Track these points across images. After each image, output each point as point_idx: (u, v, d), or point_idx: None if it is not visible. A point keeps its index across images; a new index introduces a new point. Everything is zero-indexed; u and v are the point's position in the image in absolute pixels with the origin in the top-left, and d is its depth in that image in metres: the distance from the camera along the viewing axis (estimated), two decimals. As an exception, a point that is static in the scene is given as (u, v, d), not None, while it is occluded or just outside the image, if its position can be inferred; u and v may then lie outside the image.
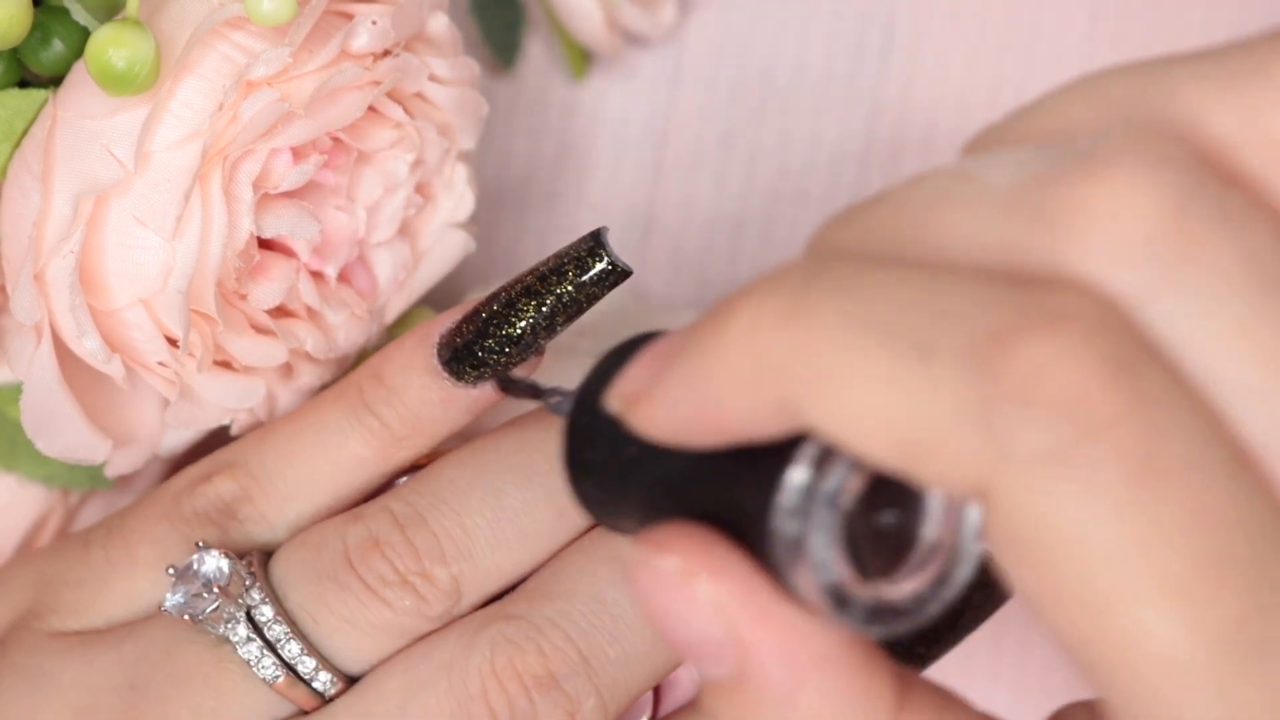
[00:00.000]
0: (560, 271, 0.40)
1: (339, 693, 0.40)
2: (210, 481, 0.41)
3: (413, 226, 0.46)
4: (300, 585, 0.40)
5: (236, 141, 0.39)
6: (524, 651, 0.39)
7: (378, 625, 0.40)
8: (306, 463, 0.41)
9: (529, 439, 0.40)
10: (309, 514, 0.41)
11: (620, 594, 0.39)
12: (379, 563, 0.39)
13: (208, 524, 0.41)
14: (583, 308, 0.40)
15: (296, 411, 0.42)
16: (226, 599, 0.39)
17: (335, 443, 0.41)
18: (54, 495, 0.47)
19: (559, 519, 0.40)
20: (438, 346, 0.41)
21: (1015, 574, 0.26)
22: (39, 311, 0.40)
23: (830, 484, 0.28)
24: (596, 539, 0.40)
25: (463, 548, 0.40)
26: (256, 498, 0.41)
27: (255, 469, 0.41)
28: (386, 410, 0.41)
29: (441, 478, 0.40)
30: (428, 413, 0.41)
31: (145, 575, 0.41)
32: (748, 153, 0.56)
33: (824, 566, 0.28)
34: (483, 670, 0.39)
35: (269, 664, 0.39)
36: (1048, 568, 0.25)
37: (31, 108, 0.40)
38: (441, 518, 0.40)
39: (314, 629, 0.40)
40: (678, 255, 0.56)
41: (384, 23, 0.41)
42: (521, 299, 0.40)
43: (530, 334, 0.40)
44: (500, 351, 0.40)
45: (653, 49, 0.56)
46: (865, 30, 0.56)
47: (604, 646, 0.39)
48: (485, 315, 0.40)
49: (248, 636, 0.39)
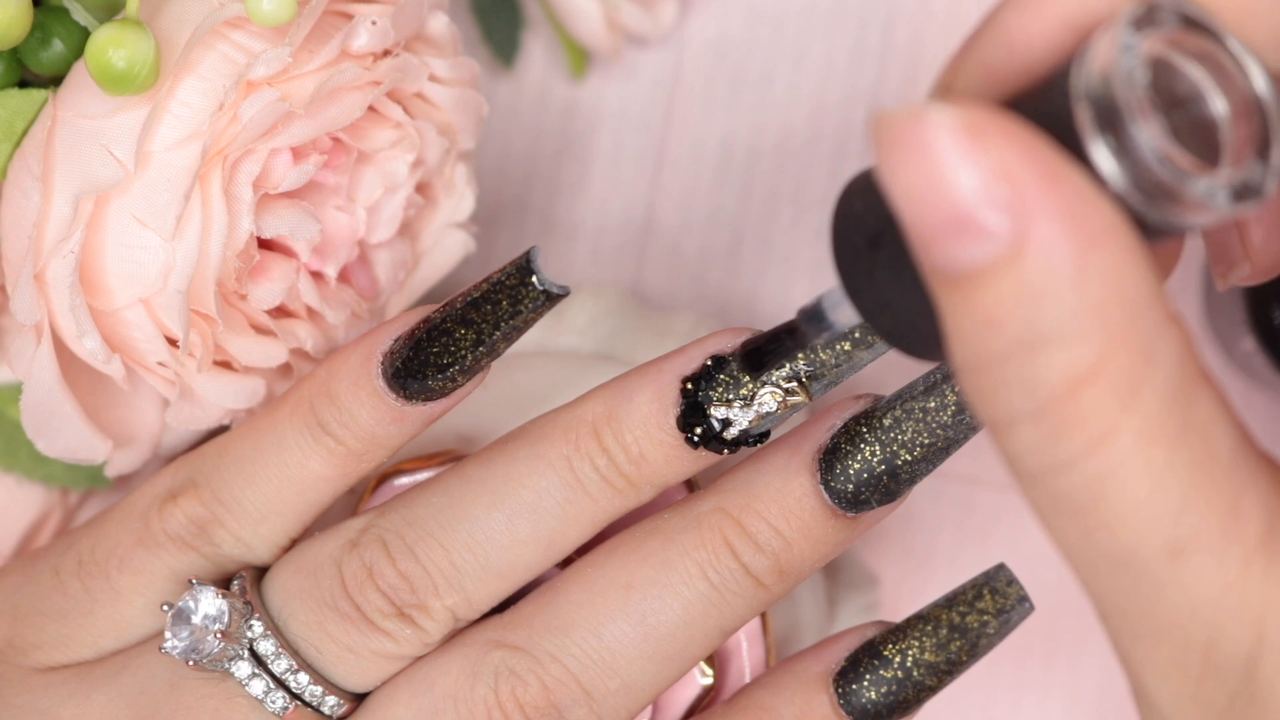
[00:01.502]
0: (494, 301, 0.39)
1: (347, 713, 0.40)
2: (176, 502, 0.41)
3: (413, 226, 0.46)
4: (300, 614, 0.40)
5: (236, 141, 0.39)
6: (527, 685, 0.39)
7: (380, 653, 0.40)
8: (270, 483, 0.41)
9: (515, 472, 0.40)
10: (283, 531, 0.41)
11: (619, 628, 0.39)
12: (374, 595, 0.39)
13: (185, 548, 0.41)
14: (522, 331, 0.39)
15: (252, 426, 0.42)
16: (229, 640, 0.39)
17: (296, 462, 0.41)
18: (53, 495, 0.47)
19: (548, 550, 0.40)
20: (381, 367, 0.40)
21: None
22: (39, 311, 0.40)
23: (1131, 49, 0.27)
24: (599, 565, 0.40)
25: (453, 581, 0.39)
26: (226, 521, 0.41)
27: (219, 490, 0.41)
28: (342, 430, 0.40)
29: (431, 505, 0.40)
30: (383, 430, 0.40)
31: (131, 605, 0.41)
32: (748, 153, 0.56)
33: (1134, 137, 0.26)
34: (488, 701, 0.39)
35: (278, 697, 0.39)
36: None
37: (31, 108, 0.40)
38: (430, 550, 0.39)
39: (318, 658, 0.40)
40: (677, 254, 0.56)
41: (384, 23, 0.41)
42: (459, 328, 0.39)
43: (474, 362, 0.40)
44: (446, 378, 0.40)
45: (653, 49, 0.56)
46: (865, 30, 0.56)
47: (604, 680, 0.39)
48: (424, 342, 0.40)
49: (252, 673, 0.39)
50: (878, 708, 0.40)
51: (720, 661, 0.43)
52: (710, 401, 0.39)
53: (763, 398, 0.38)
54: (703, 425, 0.39)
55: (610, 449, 0.39)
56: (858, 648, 0.40)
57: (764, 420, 0.39)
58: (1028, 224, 0.26)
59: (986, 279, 0.27)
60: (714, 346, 0.39)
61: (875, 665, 0.40)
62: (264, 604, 0.40)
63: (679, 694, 0.43)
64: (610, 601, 0.39)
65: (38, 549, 0.43)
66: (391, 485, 0.44)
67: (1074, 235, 0.27)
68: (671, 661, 0.39)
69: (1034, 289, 0.27)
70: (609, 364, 0.48)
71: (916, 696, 0.40)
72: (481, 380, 0.40)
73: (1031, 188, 0.26)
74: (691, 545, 0.39)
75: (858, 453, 0.39)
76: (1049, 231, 0.27)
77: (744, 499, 0.39)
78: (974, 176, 0.26)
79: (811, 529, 0.39)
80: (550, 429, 0.40)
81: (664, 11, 0.55)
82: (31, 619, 0.42)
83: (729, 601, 0.39)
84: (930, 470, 0.39)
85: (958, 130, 0.27)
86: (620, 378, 0.40)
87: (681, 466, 0.39)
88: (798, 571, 0.39)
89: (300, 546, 0.41)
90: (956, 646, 0.40)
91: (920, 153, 0.27)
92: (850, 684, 0.40)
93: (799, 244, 0.56)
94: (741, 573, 0.39)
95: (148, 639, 0.41)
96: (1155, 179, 0.27)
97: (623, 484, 0.39)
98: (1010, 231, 0.27)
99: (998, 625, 0.40)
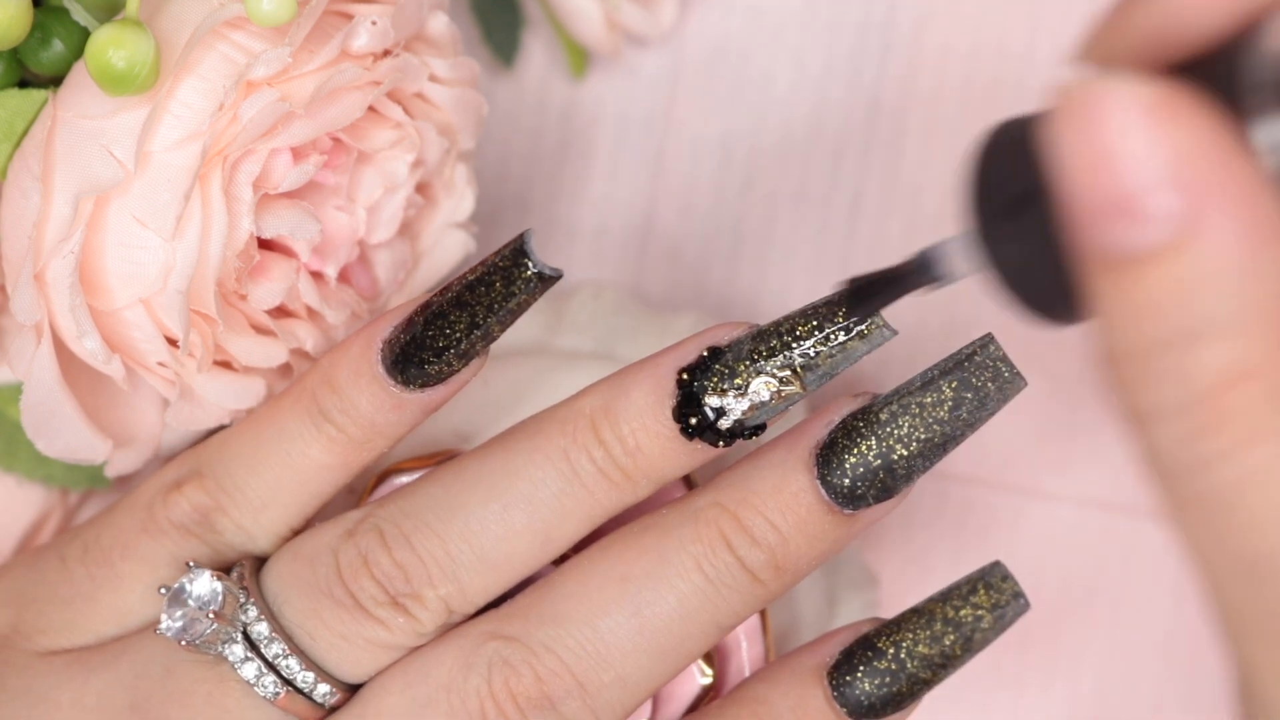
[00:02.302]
0: (488, 283, 0.39)
1: (339, 702, 0.40)
2: (181, 491, 0.41)
3: (413, 226, 0.46)
4: (295, 600, 0.40)
5: (236, 142, 0.39)
6: (520, 675, 0.39)
7: (373, 641, 0.40)
8: (272, 472, 0.41)
9: (511, 465, 0.40)
10: (285, 520, 0.41)
11: (614, 620, 0.39)
12: (368, 583, 0.39)
13: (187, 535, 0.41)
14: (517, 314, 0.40)
15: (255, 417, 0.42)
16: (222, 622, 0.39)
17: (298, 450, 0.41)
18: (53, 495, 0.47)
19: (544, 543, 0.40)
20: (380, 354, 0.40)
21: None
22: (39, 311, 0.40)
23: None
24: (595, 559, 0.40)
25: (448, 571, 0.39)
26: (229, 508, 0.41)
27: (223, 479, 0.41)
28: (342, 418, 0.41)
29: (428, 497, 0.40)
30: (382, 418, 0.41)
31: (132, 590, 0.41)
32: (748, 153, 0.56)
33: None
34: (481, 692, 0.39)
35: (269, 681, 0.39)
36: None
37: (31, 108, 0.40)
38: (425, 540, 0.39)
39: (311, 644, 0.40)
40: (677, 254, 0.56)
41: (384, 23, 0.41)
42: (454, 311, 0.40)
43: (469, 346, 0.40)
44: (442, 363, 0.40)
45: (653, 49, 0.56)
46: (865, 30, 0.56)
47: (598, 672, 0.39)
48: (421, 326, 0.40)
49: (245, 656, 0.39)
50: (872, 701, 0.40)
51: (720, 661, 0.43)
52: (705, 391, 0.39)
53: (756, 387, 0.38)
54: (697, 415, 0.39)
55: (607, 441, 0.39)
56: (852, 642, 0.41)
57: (758, 410, 0.39)
58: (1202, 212, 0.26)
59: (1151, 264, 0.26)
60: (711, 340, 0.39)
61: (870, 658, 0.40)
62: (261, 590, 0.40)
63: (679, 692, 0.43)
64: (606, 594, 0.39)
65: (48, 541, 0.44)
66: (391, 483, 0.44)
67: (1248, 229, 0.26)
68: (667, 656, 0.39)
69: (1202, 278, 0.26)
70: (609, 363, 0.48)
71: (911, 690, 0.40)
72: (479, 369, 0.41)
73: (1210, 176, 0.26)
74: (688, 539, 0.39)
75: (854, 448, 0.39)
76: (1223, 222, 0.26)
77: (741, 494, 0.39)
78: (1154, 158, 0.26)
79: (808, 524, 0.39)
80: (547, 423, 0.40)
81: (664, 11, 0.55)
82: (36, 605, 0.42)
83: (725, 596, 0.39)
84: (927, 467, 0.39)
85: (1143, 108, 0.26)
86: (618, 372, 0.40)
87: (678, 460, 0.39)
88: (795, 568, 0.39)
89: (299, 536, 0.41)
90: (951, 640, 0.40)
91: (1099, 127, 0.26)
92: (845, 677, 0.40)
93: (799, 244, 0.56)
94: (737, 567, 0.39)
95: (147, 625, 0.41)
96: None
97: (619, 477, 0.39)
98: (1183, 218, 0.26)
99: (992, 620, 0.40)
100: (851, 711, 0.40)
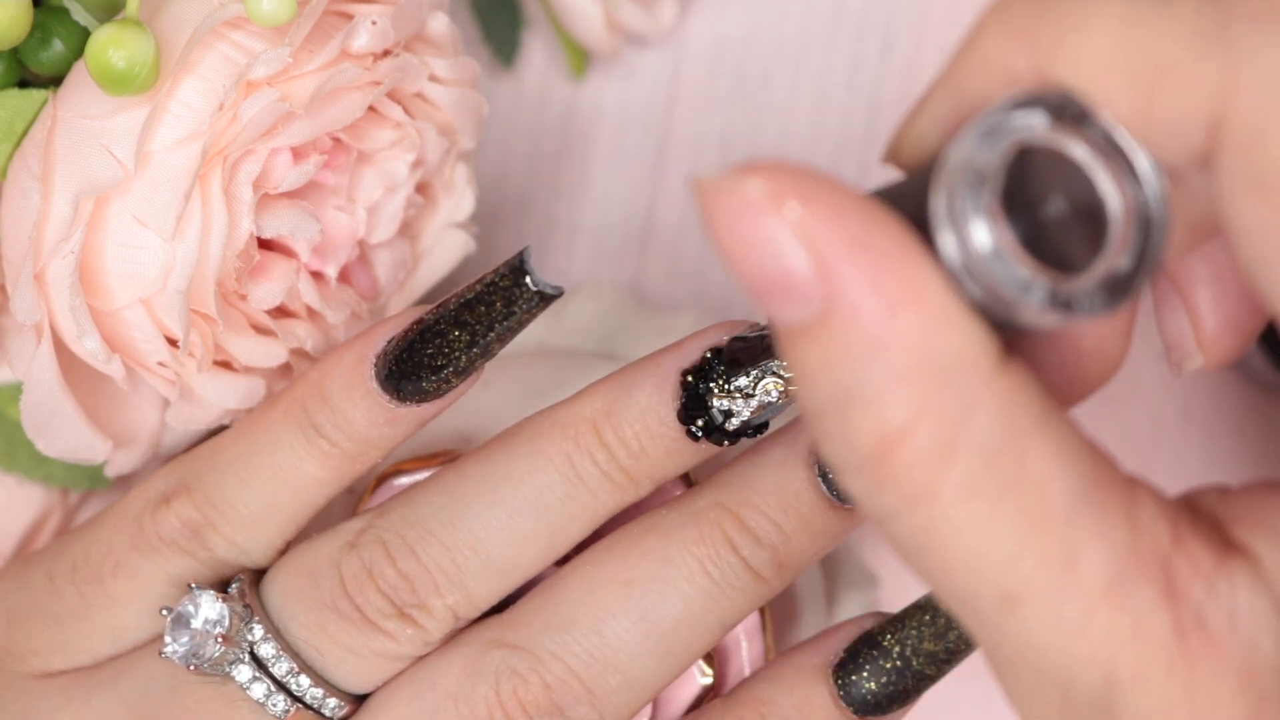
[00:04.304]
0: (488, 302, 0.39)
1: (347, 714, 0.40)
2: (169, 505, 0.41)
3: (413, 226, 0.46)
4: (300, 615, 0.40)
5: (236, 141, 0.39)
6: (528, 684, 0.39)
7: (381, 653, 0.40)
8: (264, 485, 0.41)
9: (515, 469, 0.40)
10: (278, 533, 0.41)
11: (620, 624, 0.39)
12: (374, 596, 0.39)
13: (179, 551, 0.41)
14: (517, 332, 0.39)
15: (245, 428, 0.41)
16: (229, 644, 0.39)
17: (290, 464, 0.40)
18: (53, 495, 0.47)
19: (549, 547, 0.40)
20: (375, 368, 0.40)
21: (1241, 207, 0.26)
22: (39, 311, 0.40)
23: (987, 143, 0.27)
24: (598, 562, 0.40)
25: (454, 580, 0.39)
26: (220, 524, 0.41)
27: (212, 493, 0.41)
28: (335, 432, 0.40)
29: (431, 504, 0.40)
30: (376, 432, 0.40)
31: (126, 609, 0.41)
32: (748, 153, 0.56)
33: (974, 221, 0.27)
34: (489, 700, 0.39)
35: (279, 700, 0.39)
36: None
37: (31, 108, 0.40)
38: (430, 549, 0.39)
39: (319, 660, 0.40)
40: (677, 254, 0.56)
41: (384, 23, 0.41)
42: (453, 330, 0.39)
43: (468, 364, 0.39)
44: (440, 380, 0.40)
45: (653, 49, 0.56)
46: (865, 30, 0.56)
47: (606, 677, 0.39)
48: (417, 343, 0.40)
49: (254, 676, 0.39)
50: (877, 698, 0.40)
51: (720, 661, 0.43)
52: (712, 393, 0.39)
53: (765, 387, 0.38)
54: (704, 417, 0.39)
55: (610, 444, 0.39)
56: (856, 638, 0.41)
57: (765, 410, 0.39)
58: (832, 286, 0.27)
59: (807, 337, 0.27)
60: (712, 339, 0.39)
61: (874, 655, 0.40)
62: (263, 606, 0.40)
63: (679, 693, 0.43)
64: (611, 598, 0.39)
65: (31, 553, 0.43)
66: (391, 485, 0.44)
67: (877, 298, 0.27)
68: (673, 656, 0.39)
69: (842, 351, 0.27)
70: (609, 363, 0.48)
71: (916, 686, 0.40)
72: (475, 381, 0.40)
73: (835, 252, 0.27)
74: (691, 540, 0.39)
75: None
76: (853, 294, 0.27)
77: (742, 493, 0.39)
78: (778, 243, 0.27)
79: (810, 521, 0.39)
80: (549, 425, 0.40)
81: (664, 11, 0.55)
82: (26, 625, 0.41)
83: (729, 596, 0.39)
84: None
85: (759, 199, 0.27)
86: (619, 373, 0.40)
87: (681, 460, 0.39)
88: (796, 564, 0.39)
89: (299, 548, 0.41)
90: (955, 635, 0.40)
91: (734, 220, 0.27)
92: (849, 675, 0.40)
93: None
94: (741, 567, 0.39)
95: (144, 644, 0.41)
96: (980, 269, 0.27)
97: (622, 479, 0.39)
98: (819, 293, 0.27)
99: None
100: (858, 709, 0.40)
